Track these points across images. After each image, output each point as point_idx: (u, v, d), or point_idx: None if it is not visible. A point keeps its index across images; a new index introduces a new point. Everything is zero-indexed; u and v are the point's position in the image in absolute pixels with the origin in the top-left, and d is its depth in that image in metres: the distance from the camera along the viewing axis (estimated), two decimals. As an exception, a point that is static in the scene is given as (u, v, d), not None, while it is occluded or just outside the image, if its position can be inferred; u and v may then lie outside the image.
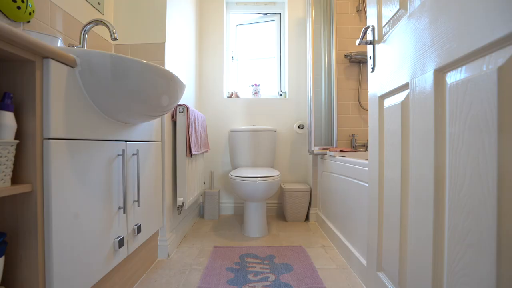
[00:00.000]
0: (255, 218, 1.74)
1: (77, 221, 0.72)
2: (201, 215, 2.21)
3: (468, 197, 0.46)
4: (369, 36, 0.93)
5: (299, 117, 2.24)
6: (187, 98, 1.83)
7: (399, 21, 0.74)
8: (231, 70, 2.45)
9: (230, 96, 2.27)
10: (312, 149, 1.86)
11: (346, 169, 1.40)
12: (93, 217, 0.79)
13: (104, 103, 0.81)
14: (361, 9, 2.00)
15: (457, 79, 0.50)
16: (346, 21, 2.04)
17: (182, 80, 1.67)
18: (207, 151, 1.94)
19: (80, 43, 0.98)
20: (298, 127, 2.08)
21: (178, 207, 1.47)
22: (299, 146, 2.24)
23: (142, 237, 1.13)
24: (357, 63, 2.02)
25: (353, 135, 1.97)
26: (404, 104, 0.71)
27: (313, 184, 2.02)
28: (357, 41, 0.95)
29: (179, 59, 1.64)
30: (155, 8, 1.38)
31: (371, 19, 0.93)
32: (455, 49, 0.50)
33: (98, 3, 1.26)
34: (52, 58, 0.64)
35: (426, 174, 0.59)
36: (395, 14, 0.75)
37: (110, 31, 0.97)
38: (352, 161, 1.30)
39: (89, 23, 0.97)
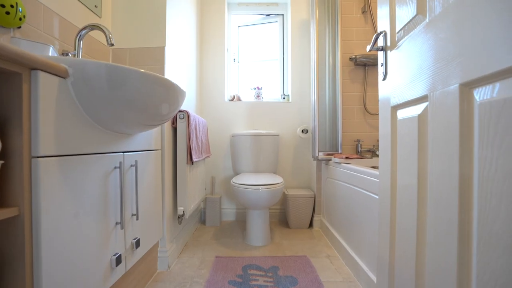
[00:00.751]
0: (258, 226, 1.69)
1: (69, 244, 0.67)
2: (202, 221, 2.17)
3: (504, 233, 0.40)
4: (380, 42, 0.88)
5: (302, 121, 2.19)
6: (187, 102, 1.78)
7: (415, 28, 0.69)
8: (232, 72, 2.40)
9: (232, 100, 2.22)
10: (317, 155, 1.81)
11: (352, 177, 1.35)
12: (88, 236, 0.75)
13: (99, 115, 0.76)
14: (366, 11, 1.94)
15: (489, 96, 0.45)
16: (351, 23, 1.98)
17: (182, 86, 1.63)
18: (208, 156, 1.89)
19: (75, 49, 0.93)
20: (302, 131, 2.02)
21: (178, 217, 1.43)
22: (302, 151, 2.19)
23: (141, 251, 1.08)
24: (363, 66, 1.96)
25: (358, 140, 1.92)
26: (421, 117, 0.66)
27: (317, 190, 1.97)
28: (368, 47, 0.90)
29: (179, 63, 1.59)
30: (154, 11, 1.33)
31: (383, 24, 0.88)
32: (486, 63, 0.44)
33: (95, 6, 1.21)
34: (41, 70, 0.59)
35: (449, 199, 0.54)
36: (411, 20, 0.70)
37: (106, 36, 0.92)
38: (360, 170, 1.24)
39: (84, 28, 0.92)
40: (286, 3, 2.35)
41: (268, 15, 2.42)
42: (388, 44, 0.85)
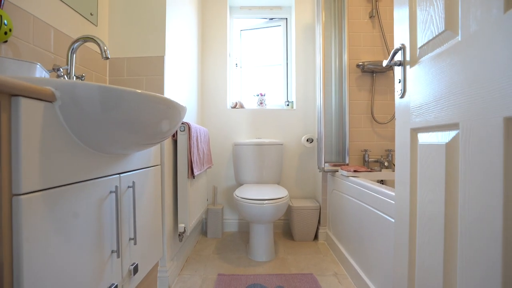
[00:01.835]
0: (262, 240, 1.62)
1: (59, 283, 0.60)
2: (204, 232, 2.10)
3: None
4: (397, 56, 0.81)
5: (306, 129, 2.12)
6: (188, 110, 1.72)
7: (443, 45, 0.61)
8: (235, 78, 2.33)
9: (234, 107, 2.15)
10: (323, 166, 1.74)
11: (362, 194, 1.28)
12: (80, 271, 0.68)
13: (92, 138, 0.69)
14: (374, 15, 1.87)
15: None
16: (358, 28, 1.91)
17: (183, 95, 1.55)
18: (210, 167, 1.82)
19: (67, 63, 0.86)
20: (307, 140, 1.95)
21: (179, 234, 1.36)
22: (307, 159, 2.12)
23: (139, 276, 1.02)
24: (370, 73, 1.89)
25: (365, 150, 1.85)
26: (450, 146, 0.59)
27: (323, 201, 1.90)
28: (385, 62, 0.83)
29: (180, 71, 1.52)
30: (153, 18, 1.26)
31: (401, 36, 0.81)
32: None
33: (91, 14, 1.15)
34: (23, 96, 0.52)
35: (491, 239, 0.47)
36: (437, 36, 0.63)
37: (100, 49, 0.85)
38: (372, 188, 1.17)
39: (77, 40, 0.85)
40: (290, 6, 2.27)
41: (272, 19, 2.35)
42: (407, 59, 0.78)
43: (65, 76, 0.85)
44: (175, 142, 1.40)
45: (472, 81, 0.51)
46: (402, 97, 0.81)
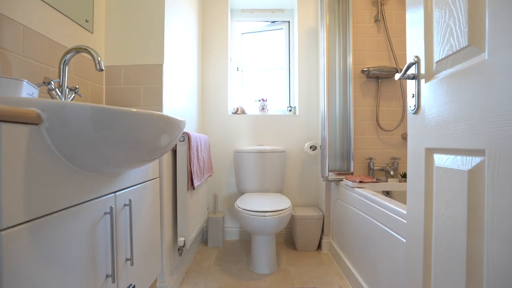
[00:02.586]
0: (263, 252, 1.57)
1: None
2: (204, 240, 2.05)
3: None
4: (411, 69, 0.76)
5: (309, 136, 2.07)
6: (188, 117, 1.67)
7: (465, 61, 0.56)
8: (236, 82, 2.28)
9: (235, 112, 2.10)
10: (327, 175, 1.69)
11: (370, 208, 1.22)
12: (69, 305, 0.63)
13: (84, 160, 0.64)
14: (379, 19, 1.81)
15: None
16: (363, 32, 1.85)
17: (182, 101, 1.48)
18: (210, 175, 1.77)
19: (59, 76, 0.81)
20: (310, 147, 1.90)
21: (179, 248, 1.31)
22: (310, 166, 2.07)
23: (136, 297, 0.97)
24: (375, 78, 1.84)
25: (370, 158, 1.79)
26: (473, 174, 0.54)
27: (326, 210, 1.85)
28: (397, 76, 0.77)
29: (179, 78, 1.47)
30: (152, 25, 1.21)
31: (414, 48, 0.76)
32: None
33: (86, 21, 1.10)
34: (4, 121, 0.47)
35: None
36: (459, 51, 0.58)
37: (94, 60, 0.80)
38: (381, 202, 1.12)
39: (69, 51, 0.80)
40: (293, 9, 2.22)
41: (273, 22, 2.30)
42: (422, 72, 0.72)
43: (57, 89, 0.81)
44: (174, 153, 1.35)
45: (502, 105, 0.46)
46: (415, 113, 0.75)
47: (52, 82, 0.77)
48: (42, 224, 0.55)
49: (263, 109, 2.11)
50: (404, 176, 1.66)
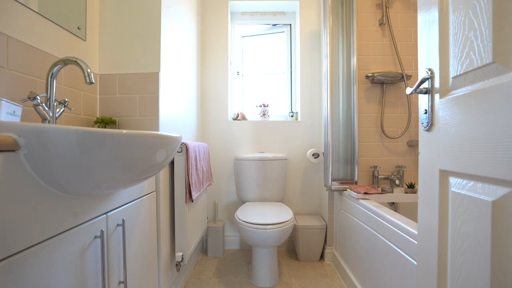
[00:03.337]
0: (265, 264, 1.52)
1: None
2: (204, 250, 2.00)
3: None
4: (424, 83, 0.70)
5: (312, 142, 2.01)
6: (187, 125, 1.61)
7: (488, 79, 0.51)
8: (236, 87, 2.23)
9: (236, 118, 2.05)
10: (330, 184, 1.63)
11: (375, 222, 1.17)
12: None
13: (70, 184, 0.59)
14: (384, 23, 1.76)
15: None
16: (367, 36, 1.79)
17: (181, 109, 1.42)
18: (210, 184, 1.72)
19: (46, 90, 0.76)
20: (313, 155, 1.85)
21: (176, 264, 1.26)
22: (312, 174, 2.02)
23: (130, 321, 0.92)
24: (380, 84, 1.78)
25: (374, 167, 1.74)
26: (499, 205, 0.48)
27: (329, 220, 1.79)
28: (409, 90, 0.72)
29: (177, 85, 1.42)
30: (148, 32, 1.16)
31: (427, 60, 0.70)
32: None
33: (78, 28, 1.05)
34: (-26, 151, 0.42)
35: None
36: (481, 67, 0.52)
37: (84, 73, 0.75)
38: (388, 218, 1.06)
39: (56, 64, 0.75)
40: (294, 12, 2.17)
41: (275, 25, 2.24)
42: (436, 86, 0.67)
43: (44, 104, 0.75)
44: (172, 164, 1.30)
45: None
46: (428, 130, 0.70)
47: (38, 97, 0.72)
48: (20, 260, 0.50)
49: (264, 114, 2.05)
50: (410, 186, 1.60)
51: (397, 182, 1.62)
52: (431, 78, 0.67)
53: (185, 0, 1.57)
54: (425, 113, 0.70)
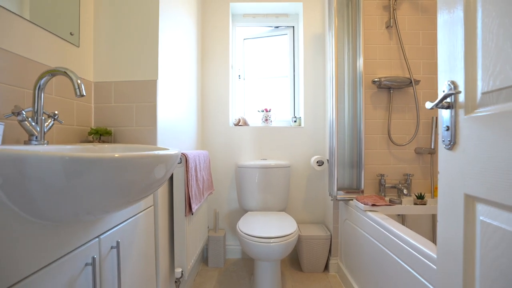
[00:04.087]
0: (267, 276, 1.45)
1: None
2: (205, 260, 1.94)
3: None
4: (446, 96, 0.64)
5: (315, 148, 1.95)
6: (187, 132, 1.55)
7: (528, 99, 0.45)
8: (237, 91, 2.16)
9: (237, 124, 1.98)
10: (335, 194, 1.57)
11: (385, 238, 1.11)
12: None
13: (55, 212, 0.53)
14: (391, 25, 1.69)
15: None
16: (373, 39, 1.73)
17: (180, 116, 1.35)
18: (211, 193, 1.66)
19: (33, 104, 0.70)
20: (317, 163, 1.78)
21: (176, 281, 1.20)
22: (316, 181, 1.95)
23: None
24: (387, 89, 1.72)
25: (381, 175, 1.67)
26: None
27: (334, 229, 1.73)
28: (429, 104, 0.66)
29: (176, 91, 1.36)
30: (145, 38, 1.10)
31: (448, 69, 0.64)
32: None
33: (71, 34, 0.98)
34: None
35: None
36: (519, 86, 0.46)
37: (73, 85, 0.69)
38: (401, 236, 1.00)
39: (43, 75, 0.69)
40: (298, 14, 2.10)
41: (277, 27, 2.18)
42: (461, 100, 0.60)
43: (30, 119, 0.69)
44: (170, 176, 1.24)
45: None
46: (450, 148, 0.64)
47: (23, 112, 0.66)
48: (-4, 305, 0.44)
49: (266, 120, 1.99)
50: (420, 197, 1.54)
51: (405, 191, 1.56)
52: (452, 86, 0.61)
53: (184, 3, 1.50)
54: (447, 130, 0.64)
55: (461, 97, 0.60)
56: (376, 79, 1.66)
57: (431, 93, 1.70)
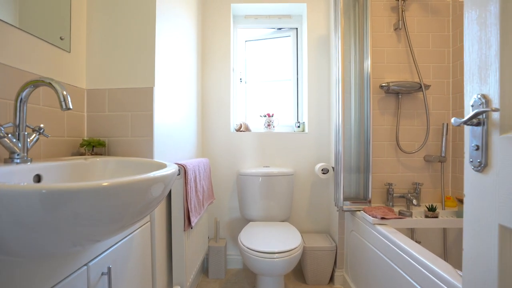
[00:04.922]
0: (271, 292, 1.39)
1: None
2: (205, 270, 1.87)
3: None
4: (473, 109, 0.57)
5: (320, 155, 1.88)
6: (186, 139, 1.48)
7: None
8: (239, 95, 2.09)
9: (239, 129, 1.91)
10: (341, 204, 1.50)
11: (396, 255, 1.04)
12: None
13: (33, 249, 0.46)
14: (400, 27, 1.62)
15: None
16: (381, 41, 1.66)
17: (179, 122, 1.28)
18: (211, 202, 1.59)
19: (14, 118, 0.63)
20: (322, 171, 1.71)
21: (173, 300, 1.13)
22: (320, 189, 1.88)
23: None
24: (395, 94, 1.64)
25: (389, 184, 1.60)
26: None
27: (339, 240, 1.66)
28: (456, 121, 0.59)
29: (175, 97, 1.29)
30: (141, 42, 1.03)
31: (477, 81, 0.57)
32: None
33: (61, 38, 0.92)
34: None
35: None
36: None
37: (59, 97, 0.62)
38: (419, 259, 0.92)
39: (24, 87, 0.62)
40: (301, 15, 2.03)
41: (280, 28, 2.11)
42: (495, 117, 0.53)
43: (11, 135, 0.62)
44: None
45: None
46: (481, 171, 0.56)
47: (1, 128, 0.59)
48: None
49: (269, 125, 1.92)
50: (431, 209, 1.46)
51: (414, 201, 1.49)
52: (484, 102, 0.54)
53: (183, 4, 1.43)
54: (477, 149, 0.57)
55: (495, 114, 0.53)
56: (384, 84, 1.59)
57: (442, 98, 1.63)
